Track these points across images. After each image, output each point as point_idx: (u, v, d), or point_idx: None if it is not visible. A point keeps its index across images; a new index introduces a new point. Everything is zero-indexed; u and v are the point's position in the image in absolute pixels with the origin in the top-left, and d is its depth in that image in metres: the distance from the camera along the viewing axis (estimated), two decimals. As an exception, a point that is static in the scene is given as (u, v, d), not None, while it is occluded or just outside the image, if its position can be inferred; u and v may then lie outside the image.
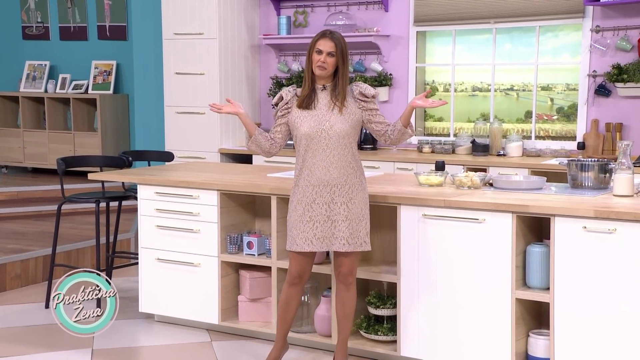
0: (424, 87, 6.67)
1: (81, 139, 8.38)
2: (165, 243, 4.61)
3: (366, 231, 3.71)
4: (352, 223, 3.66)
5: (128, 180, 4.87)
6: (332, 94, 3.67)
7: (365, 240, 3.70)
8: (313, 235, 3.69)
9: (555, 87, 6.23)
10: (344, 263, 3.73)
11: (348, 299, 3.78)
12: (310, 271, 3.84)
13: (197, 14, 6.74)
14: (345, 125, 3.65)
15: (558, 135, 6.19)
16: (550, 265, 3.60)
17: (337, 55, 3.64)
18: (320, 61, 3.62)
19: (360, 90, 3.68)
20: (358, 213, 3.68)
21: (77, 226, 6.56)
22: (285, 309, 3.84)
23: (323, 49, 3.63)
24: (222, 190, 4.41)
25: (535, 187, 4.01)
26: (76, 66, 8.77)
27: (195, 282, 4.54)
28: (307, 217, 3.69)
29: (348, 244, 3.68)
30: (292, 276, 3.79)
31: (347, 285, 3.77)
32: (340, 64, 3.64)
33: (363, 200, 3.71)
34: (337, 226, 3.67)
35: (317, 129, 3.65)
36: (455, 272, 3.80)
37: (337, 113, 3.65)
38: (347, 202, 3.67)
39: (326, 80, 3.69)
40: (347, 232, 3.66)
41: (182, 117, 6.88)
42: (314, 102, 3.68)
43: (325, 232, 3.68)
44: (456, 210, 3.77)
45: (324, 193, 3.67)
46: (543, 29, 6.15)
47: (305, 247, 3.70)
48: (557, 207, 3.54)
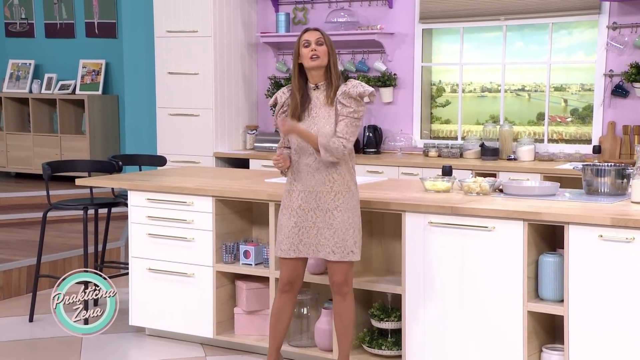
0: (430, 87, 6.68)
1: (68, 142, 8.39)
2: (157, 252, 4.62)
3: (354, 240, 3.71)
4: (337, 232, 3.68)
5: (118, 185, 4.88)
6: (327, 91, 3.69)
7: (352, 250, 3.71)
8: (299, 241, 3.73)
9: (570, 88, 6.24)
10: (336, 272, 3.75)
11: (345, 310, 3.79)
12: (303, 278, 3.87)
13: (191, 11, 6.76)
14: (330, 128, 3.66)
15: (572, 138, 6.20)
16: (564, 276, 3.60)
17: (326, 43, 3.68)
18: (311, 50, 3.65)
19: (345, 90, 3.67)
20: (345, 221, 3.69)
21: (63, 235, 6.56)
22: (278, 319, 3.85)
23: (310, 39, 3.67)
24: (218, 197, 4.42)
25: (548, 193, 4.02)
26: (63, 65, 8.79)
27: (188, 293, 4.54)
28: (292, 222, 3.73)
29: (333, 252, 3.70)
30: (282, 283, 3.83)
31: (342, 295, 3.78)
32: (330, 53, 3.68)
33: (351, 209, 3.71)
34: (323, 234, 3.70)
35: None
36: (464, 284, 3.81)
37: (327, 114, 3.66)
38: (332, 210, 3.69)
39: (319, 77, 3.71)
40: (333, 240, 3.69)
41: (175, 119, 6.90)
42: (307, 107, 3.71)
43: (311, 239, 3.72)
44: (464, 218, 3.78)
45: (310, 199, 3.70)
46: (556, 26, 6.16)
47: (290, 253, 3.75)
48: (571, 215, 3.54)
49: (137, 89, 7.58)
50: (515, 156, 6.01)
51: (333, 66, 3.69)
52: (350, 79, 3.77)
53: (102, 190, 6.42)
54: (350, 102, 3.65)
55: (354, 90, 3.65)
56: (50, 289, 5.75)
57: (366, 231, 4.29)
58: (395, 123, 6.63)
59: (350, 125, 3.65)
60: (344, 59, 6.78)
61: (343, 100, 3.65)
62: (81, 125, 8.57)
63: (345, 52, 6.76)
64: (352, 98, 3.65)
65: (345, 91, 3.65)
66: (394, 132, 6.60)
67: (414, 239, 3.90)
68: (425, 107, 6.65)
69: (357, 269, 4.22)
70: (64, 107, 8.50)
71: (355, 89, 3.65)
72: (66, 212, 6.86)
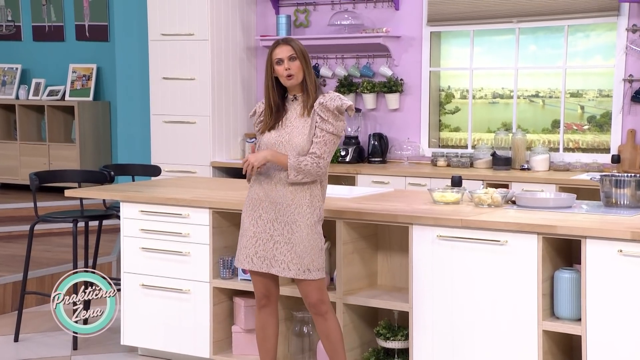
0: (439, 93, 6.69)
1: (57, 151, 8.40)
2: (151, 267, 4.62)
3: (311, 258, 3.69)
4: (295, 247, 3.68)
5: (110, 197, 4.88)
6: (303, 102, 3.71)
7: (309, 268, 3.69)
8: (254, 252, 3.75)
9: (586, 94, 6.24)
10: (309, 293, 3.74)
11: (330, 330, 3.77)
12: (279, 290, 3.88)
13: (187, 13, 6.78)
14: (302, 139, 3.67)
15: (589, 147, 6.20)
16: (581, 294, 3.59)
17: (298, 57, 3.68)
18: (285, 70, 3.67)
19: (323, 102, 3.67)
20: (303, 237, 3.68)
21: (51, 249, 6.56)
22: (264, 337, 3.87)
23: (282, 56, 3.68)
24: (215, 209, 4.42)
25: (564, 205, 4.01)
26: (51, 70, 8.81)
27: (184, 310, 4.54)
28: (251, 232, 3.76)
29: (289, 269, 3.69)
30: (258, 298, 3.86)
31: (322, 315, 3.77)
32: (304, 66, 3.69)
33: (310, 225, 3.69)
34: (279, 248, 3.71)
35: (276, 140, 3.70)
36: (475, 301, 3.80)
37: (301, 125, 3.68)
38: (291, 224, 3.69)
39: (298, 89, 3.74)
40: (289, 256, 3.69)
41: (170, 126, 6.90)
42: (282, 119, 3.73)
43: (266, 252, 3.73)
44: (475, 231, 3.77)
45: (270, 210, 3.72)
46: (572, 28, 6.17)
47: (245, 264, 3.77)
48: (588, 228, 3.54)
49: (130, 95, 7.60)
50: (528, 166, 6.01)
51: (308, 77, 3.70)
52: (330, 91, 3.77)
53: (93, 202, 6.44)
54: (327, 115, 3.66)
55: (332, 104, 3.66)
56: (37, 307, 5.78)
57: (371, 245, 4.29)
58: (402, 131, 6.63)
59: (328, 143, 3.67)
60: (347, 64, 6.79)
61: (321, 112, 3.66)
62: (71, 133, 8.58)
63: (349, 56, 6.78)
64: (330, 111, 3.66)
65: (323, 103, 3.66)
66: (400, 141, 6.60)
67: (421, 253, 3.89)
68: (434, 114, 6.66)
69: (362, 285, 4.22)
70: (53, 114, 8.52)
71: (333, 102, 3.66)
72: (55, 225, 6.86)
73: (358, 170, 6.25)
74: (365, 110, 6.73)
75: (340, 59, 6.83)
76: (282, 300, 4.26)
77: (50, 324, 5.25)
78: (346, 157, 6.55)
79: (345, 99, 3.69)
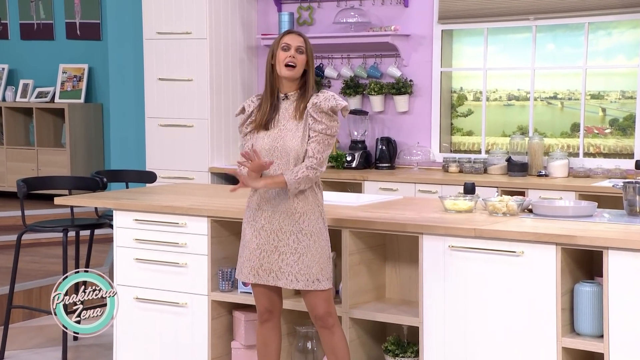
0: (451, 95, 6.70)
1: (46, 156, 8.42)
2: (146, 279, 4.62)
3: (320, 267, 3.70)
4: (302, 257, 3.69)
5: (102, 205, 4.89)
6: (297, 103, 3.71)
7: (318, 278, 3.70)
8: (259, 265, 3.74)
9: (608, 95, 6.24)
10: (316, 305, 3.75)
11: (337, 344, 3.78)
12: (282, 303, 3.89)
13: (184, 10, 6.80)
14: (296, 142, 3.68)
15: (611, 152, 6.19)
16: (603, 308, 3.59)
17: (306, 52, 3.69)
18: (289, 57, 3.66)
19: (317, 103, 3.67)
20: (310, 245, 3.69)
21: (40, 260, 6.57)
22: (265, 354, 3.87)
23: (291, 44, 3.68)
24: (214, 217, 4.43)
25: (584, 214, 4.01)
26: (40, 70, 8.83)
27: (180, 325, 4.54)
28: (254, 244, 3.76)
29: (297, 280, 3.70)
30: (260, 312, 3.85)
31: (329, 328, 3.78)
32: (310, 64, 3.71)
33: (316, 231, 3.71)
34: (285, 259, 3.71)
35: (270, 146, 3.71)
36: (489, 315, 3.80)
37: (294, 127, 3.68)
38: (297, 233, 3.69)
39: (290, 87, 3.73)
40: (297, 267, 3.69)
41: (167, 130, 6.92)
42: (275, 118, 3.73)
43: (272, 264, 3.73)
44: (489, 242, 3.77)
45: (272, 220, 3.72)
46: (593, 25, 6.18)
47: (250, 277, 3.77)
48: (611, 239, 3.54)
49: (123, 96, 7.62)
50: (546, 172, 6.01)
51: (310, 78, 3.72)
52: (323, 90, 3.77)
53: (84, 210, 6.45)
54: (321, 116, 3.66)
55: (326, 104, 3.66)
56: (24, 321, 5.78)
57: (379, 256, 4.29)
58: (412, 135, 6.64)
59: (322, 143, 3.67)
60: (354, 64, 6.80)
61: (314, 113, 3.67)
62: (61, 137, 8.60)
63: (355, 56, 6.79)
64: (324, 112, 3.66)
65: (317, 104, 3.67)
66: (409, 145, 6.61)
67: (432, 264, 3.89)
68: (445, 117, 6.66)
69: (369, 298, 4.22)
70: (42, 117, 8.54)
71: (327, 102, 3.66)
72: (43, 235, 6.87)
73: (365, 176, 6.25)
74: (373, 113, 6.74)
75: (346, 58, 6.84)
76: (285, 314, 4.26)
77: (38, 340, 5.26)
78: (352, 162, 6.55)
79: (339, 99, 3.70)
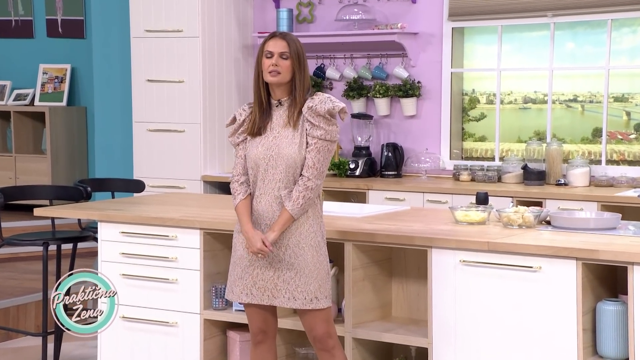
0: (462, 98, 6.71)
1: (25, 163, 8.42)
2: (133, 297, 4.62)
3: (318, 284, 3.71)
4: (299, 273, 3.69)
5: (86, 216, 4.89)
6: (289, 109, 3.72)
7: (316, 296, 3.70)
8: (253, 283, 3.75)
9: (633, 98, 6.25)
10: (315, 325, 3.74)
11: None
12: (277, 323, 3.89)
13: (174, 6, 6.81)
14: (292, 150, 3.69)
15: (637, 159, 6.20)
16: (628, 328, 3.59)
17: (291, 57, 3.70)
18: (272, 65, 3.68)
19: (312, 106, 3.68)
20: (308, 261, 3.70)
21: (18, 276, 6.57)
22: None
23: (273, 50, 3.70)
24: (207, 229, 4.43)
25: (607, 226, 4.01)
26: (19, 71, 8.84)
27: (170, 346, 4.54)
28: (246, 260, 3.75)
29: (294, 299, 3.70)
30: (253, 333, 3.85)
31: (329, 351, 3.77)
32: (296, 68, 3.71)
33: (314, 245, 3.72)
34: (281, 276, 3.71)
35: (264, 155, 3.72)
36: (503, 335, 3.80)
37: (290, 134, 3.69)
38: (293, 247, 3.70)
39: (282, 93, 3.75)
40: (293, 284, 3.69)
41: (156, 135, 6.92)
42: (268, 125, 3.74)
43: (266, 281, 3.73)
44: (504, 256, 3.78)
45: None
46: (617, 23, 6.18)
47: (243, 297, 3.77)
48: (636, 253, 3.54)
49: (109, 99, 7.63)
50: (565, 181, 6.01)
51: (299, 83, 3.71)
52: (318, 93, 3.77)
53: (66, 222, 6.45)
54: (319, 120, 3.67)
55: (322, 107, 3.67)
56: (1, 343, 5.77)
57: (385, 271, 4.29)
58: (420, 141, 6.65)
59: (322, 151, 3.68)
60: (357, 65, 6.81)
61: (311, 118, 3.68)
62: (41, 143, 8.61)
63: (359, 55, 6.80)
64: (321, 116, 3.67)
65: (312, 107, 3.68)
66: (417, 152, 6.62)
67: (442, 280, 3.90)
68: (456, 121, 6.67)
69: (374, 317, 4.22)
70: (20, 121, 8.54)
71: (323, 105, 3.67)
72: (22, 249, 6.87)
73: (369, 185, 6.26)
74: (378, 117, 6.75)
75: (349, 58, 6.85)
76: (283, 334, 4.26)
77: (16, 362, 5.25)
78: (356, 170, 6.56)
79: (336, 101, 3.70)
